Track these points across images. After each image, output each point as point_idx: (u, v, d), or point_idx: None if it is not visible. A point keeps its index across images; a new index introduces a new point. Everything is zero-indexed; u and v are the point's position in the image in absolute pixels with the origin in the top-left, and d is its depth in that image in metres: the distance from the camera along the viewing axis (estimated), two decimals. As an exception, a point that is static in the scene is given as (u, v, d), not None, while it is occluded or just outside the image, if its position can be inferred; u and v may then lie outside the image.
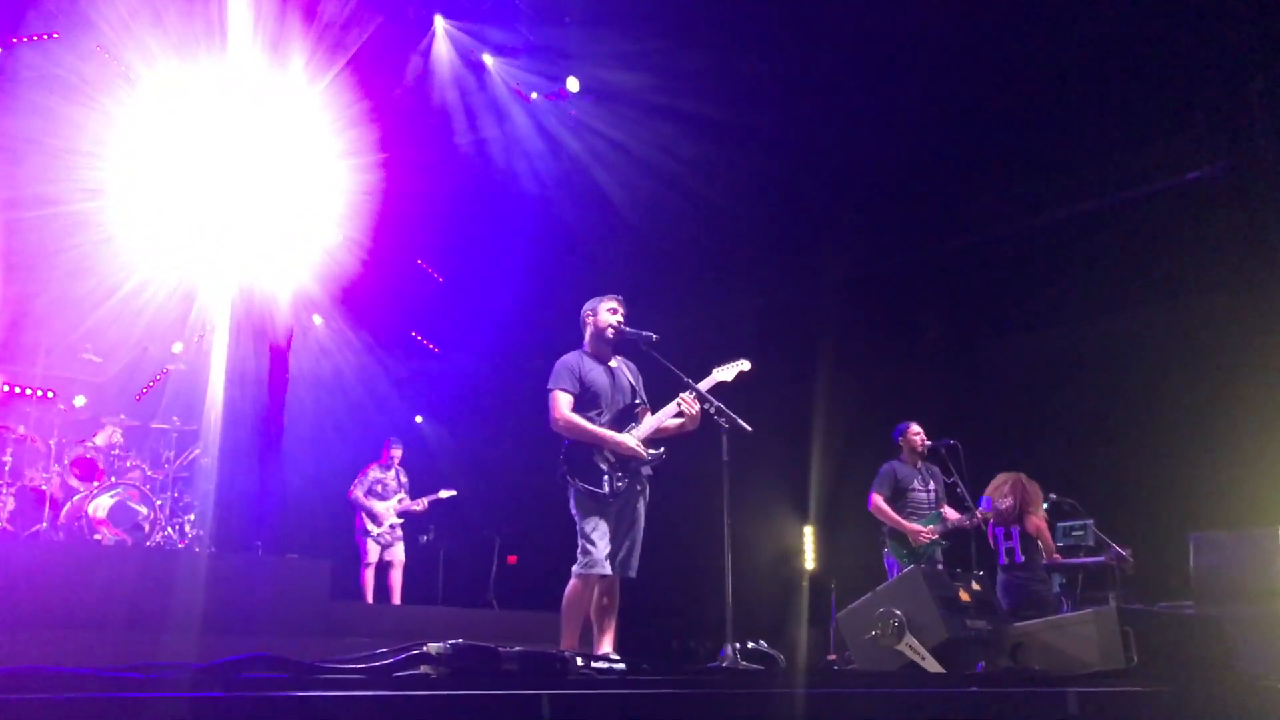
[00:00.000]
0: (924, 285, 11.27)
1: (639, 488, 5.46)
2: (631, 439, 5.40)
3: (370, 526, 10.03)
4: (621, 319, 5.63)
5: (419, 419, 13.20)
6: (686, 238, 11.09)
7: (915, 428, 7.86)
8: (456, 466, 12.05)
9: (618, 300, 5.70)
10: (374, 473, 10.27)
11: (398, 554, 10.14)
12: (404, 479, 10.44)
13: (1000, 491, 7.63)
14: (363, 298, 11.54)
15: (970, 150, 9.78)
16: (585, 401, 5.48)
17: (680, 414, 5.42)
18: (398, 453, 10.41)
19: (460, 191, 10.89)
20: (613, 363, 5.68)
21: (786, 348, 11.24)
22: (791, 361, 11.14)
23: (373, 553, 10.01)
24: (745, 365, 5.66)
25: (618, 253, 11.20)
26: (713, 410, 5.24)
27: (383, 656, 3.04)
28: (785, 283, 12.10)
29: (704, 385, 5.44)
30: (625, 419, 5.51)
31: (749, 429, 5.15)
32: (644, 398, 5.67)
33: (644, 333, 5.50)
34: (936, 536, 7.50)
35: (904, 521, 7.56)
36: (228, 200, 9.77)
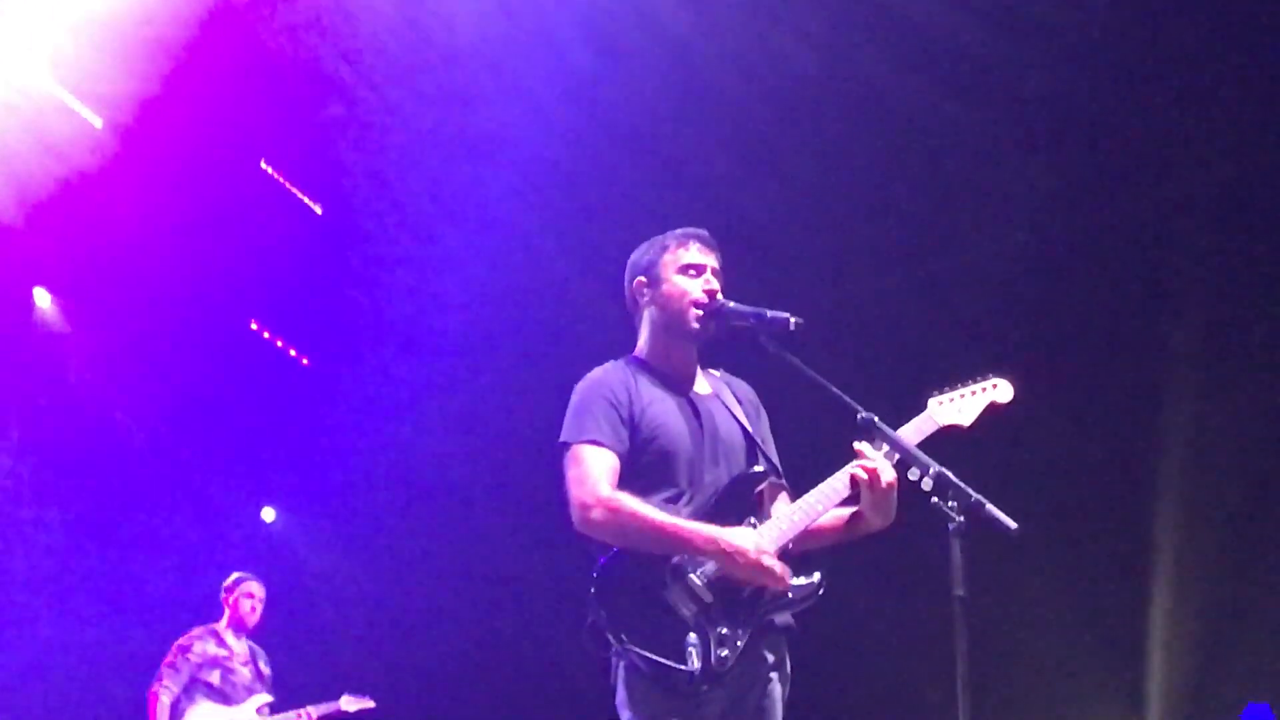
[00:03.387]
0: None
1: (769, 658, 5.39)
2: (751, 538, 5.28)
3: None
4: (716, 285, 5.56)
5: (269, 514, 13.33)
6: (861, 123, 11.28)
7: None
8: (369, 631, 12.17)
9: (700, 243, 5.64)
10: (202, 646, 10.31)
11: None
12: (264, 668, 10.51)
13: None
14: (146, 252, 11.68)
15: None
16: (644, 467, 5.42)
17: (855, 494, 5.31)
18: (257, 604, 10.50)
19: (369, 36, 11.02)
20: (701, 385, 5.65)
21: (1089, 347, 11.43)
22: (1100, 377, 11.35)
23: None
24: (1003, 392, 5.65)
25: (713, 164, 11.46)
26: (927, 482, 5.10)
27: None
28: (1076, 213, 12.12)
29: (908, 432, 5.40)
30: (734, 506, 5.41)
31: (1012, 525, 5.00)
32: (774, 459, 5.60)
33: (769, 313, 5.41)
34: None
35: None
36: None
